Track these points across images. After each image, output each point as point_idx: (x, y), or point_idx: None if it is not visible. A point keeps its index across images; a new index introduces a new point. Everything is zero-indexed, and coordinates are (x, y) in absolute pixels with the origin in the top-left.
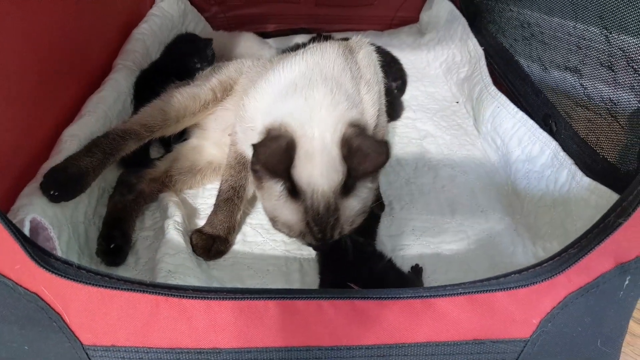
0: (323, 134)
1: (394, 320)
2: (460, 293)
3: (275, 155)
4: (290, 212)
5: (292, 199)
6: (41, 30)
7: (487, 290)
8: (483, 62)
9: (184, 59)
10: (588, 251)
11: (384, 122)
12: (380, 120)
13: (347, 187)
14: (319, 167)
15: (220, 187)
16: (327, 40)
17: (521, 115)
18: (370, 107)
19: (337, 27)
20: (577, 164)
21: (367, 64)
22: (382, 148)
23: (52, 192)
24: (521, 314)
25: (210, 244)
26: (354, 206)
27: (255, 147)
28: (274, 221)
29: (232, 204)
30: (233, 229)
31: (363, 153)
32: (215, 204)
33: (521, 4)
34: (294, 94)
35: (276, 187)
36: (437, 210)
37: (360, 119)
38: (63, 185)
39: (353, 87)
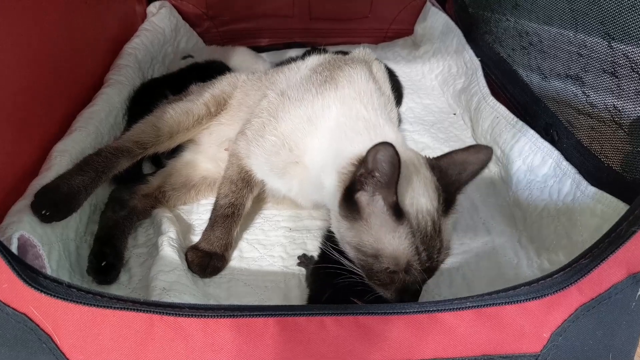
0: (412, 159)
1: (399, 336)
2: (468, 307)
3: (392, 155)
4: (397, 238)
5: (397, 221)
6: (32, 45)
7: (495, 304)
8: (480, 73)
9: None
10: (600, 261)
11: None
12: None
13: (446, 205)
14: (418, 188)
15: (217, 201)
16: (323, 54)
17: (521, 125)
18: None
19: (332, 41)
20: (580, 173)
21: (382, 77)
22: (482, 147)
23: (43, 212)
24: (531, 327)
25: (207, 261)
26: (449, 228)
27: (374, 146)
28: (377, 257)
29: (230, 221)
30: (230, 245)
31: (458, 162)
32: (211, 219)
33: (518, 13)
34: (357, 134)
35: (380, 209)
36: None
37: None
38: (55, 205)
39: (386, 110)
